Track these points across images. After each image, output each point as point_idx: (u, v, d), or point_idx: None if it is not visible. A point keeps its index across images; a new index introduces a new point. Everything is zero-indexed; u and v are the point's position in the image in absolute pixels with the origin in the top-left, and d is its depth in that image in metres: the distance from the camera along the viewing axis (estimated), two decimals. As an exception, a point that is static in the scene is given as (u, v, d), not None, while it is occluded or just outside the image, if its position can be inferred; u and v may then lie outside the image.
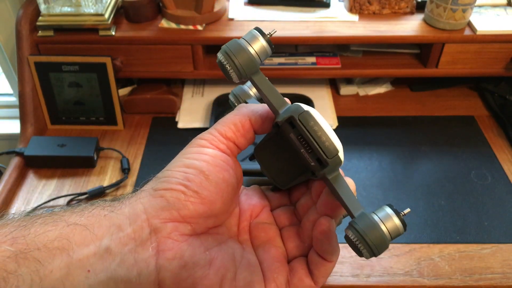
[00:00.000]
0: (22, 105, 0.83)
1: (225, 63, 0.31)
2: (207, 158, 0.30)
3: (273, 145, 0.33)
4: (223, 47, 0.31)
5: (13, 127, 1.04)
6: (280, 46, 0.92)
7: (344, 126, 0.86)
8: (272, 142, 0.33)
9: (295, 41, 0.84)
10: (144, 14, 0.84)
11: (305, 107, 0.30)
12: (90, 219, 0.28)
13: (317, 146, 0.29)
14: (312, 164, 0.29)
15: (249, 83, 0.39)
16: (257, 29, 0.32)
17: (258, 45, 0.32)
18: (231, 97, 0.39)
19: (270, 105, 0.32)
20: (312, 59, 0.89)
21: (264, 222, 0.35)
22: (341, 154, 0.30)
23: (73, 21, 0.81)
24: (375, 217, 0.29)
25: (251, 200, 0.36)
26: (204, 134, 0.32)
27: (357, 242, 0.28)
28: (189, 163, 0.30)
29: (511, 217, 0.69)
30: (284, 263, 0.33)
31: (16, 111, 0.97)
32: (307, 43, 0.85)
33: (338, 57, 0.90)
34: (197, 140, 0.32)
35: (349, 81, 0.95)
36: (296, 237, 0.34)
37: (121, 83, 0.90)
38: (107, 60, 0.80)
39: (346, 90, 0.94)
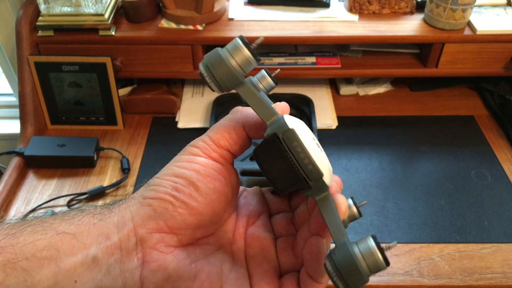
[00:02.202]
0: (22, 105, 0.83)
1: (205, 75, 0.29)
2: (198, 167, 0.30)
3: (272, 148, 0.31)
4: (205, 57, 0.30)
5: (13, 127, 1.04)
6: (280, 46, 0.92)
7: (344, 126, 0.86)
8: (271, 145, 0.31)
9: (295, 41, 0.84)
10: (144, 14, 0.84)
11: (292, 122, 0.29)
12: (79, 227, 0.27)
13: (300, 168, 0.27)
14: (301, 180, 0.28)
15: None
16: (241, 38, 0.30)
17: (241, 57, 0.29)
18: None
19: (260, 116, 0.30)
20: (312, 59, 0.90)
21: (261, 230, 0.33)
22: (326, 177, 0.28)
23: (73, 21, 0.81)
24: (356, 250, 0.27)
25: (249, 205, 0.35)
26: (196, 142, 0.31)
27: (333, 275, 0.26)
28: (179, 172, 0.29)
29: (511, 217, 0.69)
30: (274, 279, 0.31)
31: (16, 111, 0.97)
32: (307, 43, 0.85)
33: (338, 57, 0.90)
34: (189, 147, 0.31)
35: (349, 81, 0.95)
36: (291, 250, 0.32)
37: (121, 83, 0.90)
38: (107, 60, 0.80)
39: (346, 90, 0.94)
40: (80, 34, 0.82)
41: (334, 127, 0.86)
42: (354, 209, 0.32)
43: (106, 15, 0.81)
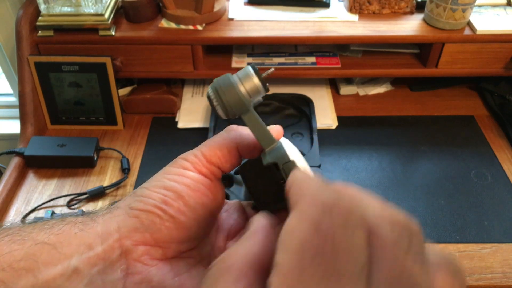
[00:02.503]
0: (22, 105, 0.83)
1: (212, 98, 0.29)
2: (189, 182, 0.29)
3: (260, 166, 0.32)
4: (214, 81, 0.30)
5: (13, 127, 1.04)
6: (280, 46, 0.92)
7: (344, 126, 0.86)
8: (260, 163, 0.32)
9: (295, 41, 0.84)
10: (144, 14, 0.84)
11: (290, 150, 0.29)
12: (59, 237, 0.27)
13: None
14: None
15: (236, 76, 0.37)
16: (252, 66, 0.30)
17: (251, 84, 0.30)
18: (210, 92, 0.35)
19: (259, 142, 0.30)
20: (312, 59, 0.90)
21: None
22: None
23: (73, 21, 0.81)
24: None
25: (230, 219, 0.35)
26: (188, 155, 0.31)
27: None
28: (169, 185, 0.29)
29: (511, 217, 0.69)
30: None
31: (16, 111, 0.97)
32: (307, 43, 0.85)
33: (338, 57, 0.90)
34: (180, 160, 0.31)
35: (349, 81, 0.95)
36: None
37: (121, 83, 0.90)
38: (107, 60, 0.80)
39: (346, 90, 0.94)
40: (80, 34, 0.82)
41: (334, 127, 0.86)
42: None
43: (106, 15, 0.81)
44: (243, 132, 0.32)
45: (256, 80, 0.30)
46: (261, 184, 0.33)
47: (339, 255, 0.15)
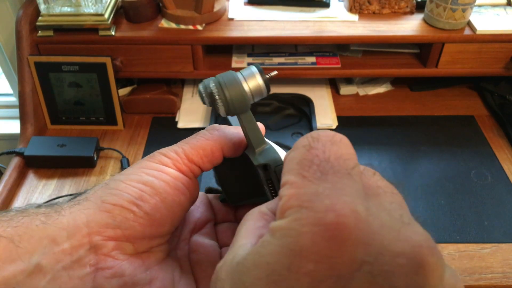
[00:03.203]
0: (22, 105, 0.83)
1: (215, 94, 0.28)
2: (168, 178, 0.28)
3: (236, 161, 0.32)
4: (217, 76, 0.29)
5: (13, 127, 1.04)
6: (280, 46, 0.92)
7: (344, 126, 0.86)
8: (238, 159, 0.32)
9: (295, 41, 0.84)
10: (144, 14, 0.84)
11: (282, 155, 0.29)
12: (18, 230, 0.24)
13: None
14: (260, 198, 0.29)
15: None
16: (257, 66, 0.30)
17: (254, 84, 0.29)
18: (201, 87, 0.34)
19: (249, 141, 0.30)
20: (312, 59, 0.90)
21: (206, 238, 0.33)
22: None
23: (73, 21, 0.81)
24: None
25: (197, 212, 0.34)
26: (168, 152, 0.30)
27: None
28: (147, 180, 0.28)
29: (511, 217, 0.69)
30: None
31: (16, 111, 0.97)
32: (307, 43, 0.85)
33: (338, 57, 0.90)
34: (160, 156, 0.30)
35: (349, 81, 0.95)
36: None
37: (121, 83, 0.90)
38: (107, 60, 0.80)
39: (346, 90, 0.94)
40: (80, 34, 0.82)
41: (334, 127, 0.86)
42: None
43: (106, 15, 0.81)
44: (228, 132, 0.31)
45: (260, 80, 0.29)
46: (234, 177, 0.33)
47: (331, 160, 0.18)
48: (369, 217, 0.16)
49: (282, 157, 0.29)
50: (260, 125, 0.32)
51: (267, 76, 0.30)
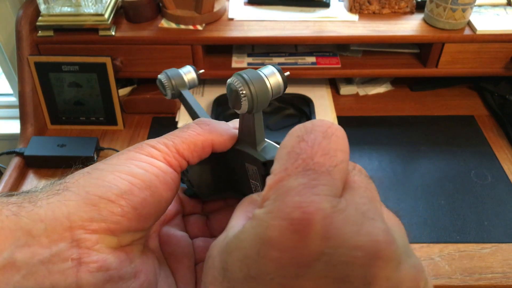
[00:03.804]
0: (22, 105, 0.83)
1: (240, 89, 0.27)
2: (158, 172, 0.27)
3: (212, 155, 0.31)
4: (241, 73, 0.28)
5: (13, 127, 1.04)
6: (280, 46, 0.92)
7: (344, 126, 0.85)
8: (213, 153, 0.31)
9: (295, 41, 0.84)
10: (144, 14, 0.84)
11: None
12: None
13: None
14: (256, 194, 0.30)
15: (185, 68, 0.37)
16: (276, 66, 0.30)
17: (275, 82, 0.29)
18: (161, 77, 0.35)
19: (252, 138, 0.30)
20: (312, 59, 0.90)
21: (176, 230, 0.33)
22: None
23: (73, 21, 0.81)
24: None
25: None
26: (158, 144, 0.28)
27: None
28: (137, 172, 0.26)
29: (511, 217, 0.69)
30: (194, 273, 0.31)
31: (16, 111, 0.97)
32: (307, 43, 0.85)
33: (338, 57, 0.90)
34: (148, 147, 0.28)
35: (349, 81, 0.95)
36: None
37: (121, 83, 0.90)
38: (107, 60, 0.80)
39: (346, 90, 0.94)
40: (80, 34, 0.82)
41: (334, 127, 0.86)
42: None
43: (106, 15, 0.81)
44: (219, 127, 0.31)
45: (280, 79, 0.29)
46: (207, 172, 0.33)
47: (316, 157, 0.19)
48: (334, 213, 0.17)
49: None
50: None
51: (285, 75, 0.30)
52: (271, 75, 0.29)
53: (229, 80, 0.28)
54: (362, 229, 0.17)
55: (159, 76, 0.36)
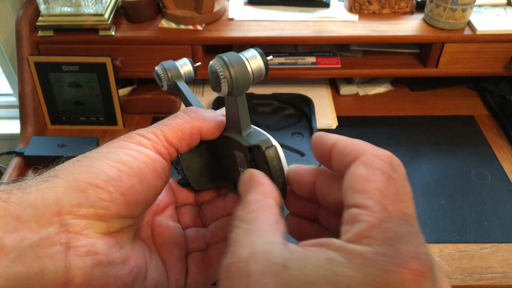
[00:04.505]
0: (22, 105, 0.83)
1: (220, 72, 0.28)
2: (147, 160, 0.28)
3: (203, 144, 0.32)
4: (221, 55, 0.29)
5: (13, 127, 1.04)
6: (280, 46, 0.92)
7: (344, 126, 0.86)
8: (205, 142, 0.32)
9: (295, 41, 0.84)
10: (144, 14, 0.84)
11: (272, 141, 0.29)
12: None
13: (279, 181, 0.29)
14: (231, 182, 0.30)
15: (182, 60, 0.38)
16: (258, 49, 0.30)
17: (256, 65, 0.29)
18: (158, 68, 0.36)
19: (237, 124, 0.30)
20: (312, 59, 0.90)
21: (169, 220, 0.33)
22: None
23: (73, 21, 0.81)
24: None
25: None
26: (146, 133, 0.29)
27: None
28: (126, 160, 0.27)
29: (511, 217, 0.69)
30: (185, 263, 0.32)
31: (16, 111, 0.97)
32: (307, 43, 0.85)
33: (338, 57, 0.90)
34: (138, 136, 0.29)
35: (349, 81, 0.95)
36: (202, 239, 0.33)
37: (121, 83, 0.90)
38: (107, 60, 0.80)
39: (346, 90, 0.94)
40: (80, 34, 0.82)
41: (334, 127, 0.86)
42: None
43: (106, 15, 0.81)
44: (206, 114, 0.31)
45: (261, 62, 0.30)
46: (199, 161, 0.33)
47: (408, 200, 0.21)
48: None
49: (273, 141, 0.30)
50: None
51: (267, 59, 0.30)
52: (252, 58, 0.29)
53: (211, 62, 0.28)
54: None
55: (156, 67, 0.36)
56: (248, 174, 0.27)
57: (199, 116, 0.31)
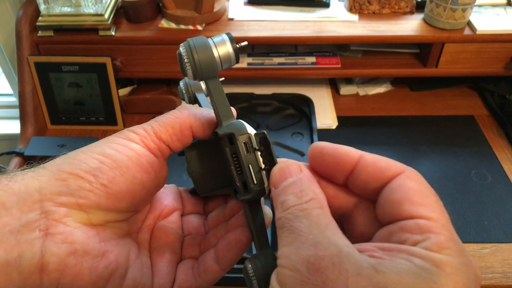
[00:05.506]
0: (22, 105, 0.83)
1: (184, 56, 0.28)
2: (131, 154, 0.28)
3: (206, 148, 0.31)
4: (188, 40, 0.29)
5: (13, 127, 1.04)
6: (280, 46, 0.92)
7: (344, 126, 0.86)
8: (207, 145, 0.31)
9: (295, 41, 0.84)
10: (144, 14, 0.84)
11: (249, 129, 0.29)
12: None
13: (248, 173, 0.27)
14: (238, 184, 0.29)
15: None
16: (228, 34, 0.30)
17: (224, 51, 0.29)
18: (181, 84, 0.37)
19: (216, 113, 0.30)
20: (312, 59, 0.90)
21: (170, 226, 0.33)
22: (267, 187, 0.28)
23: (73, 21, 0.81)
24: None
25: (164, 199, 0.34)
26: (137, 128, 0.30)
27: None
28: (109, 152, 0.28)
29: (511, 217, 0.69)
30: (174, 269, 0.32)
31: (16, 111, 0.97)
32: (307, 43, 0.85)
33: (338, 57, 0.90)
34: (127, 132, 0.29)
35: (349, 81, 0.95)
36: (196, 246, 0.33)
37: (121, 83, 0.90)
38: (107, 60, 0.80)
39: (346, 90, 0.94)
40: (80, 34, 0.82)
41: (334, 127, 0.86)
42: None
43: (106, 15, 0.81)
44: (197, 111, 0.31)
45: (230, 48, 0.30)
46: (204, 166, 0.33)
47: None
48: None
49: (251, 131, 0.29)
50: (232, 108, 0.31)
51: (238, 46, 0.30)
52: (220, 44, 0.30)
53: (180, 47, 0.29)
54: None
55: (180, 82, 0.37)
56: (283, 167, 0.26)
57: (190, 113, 0.31)
